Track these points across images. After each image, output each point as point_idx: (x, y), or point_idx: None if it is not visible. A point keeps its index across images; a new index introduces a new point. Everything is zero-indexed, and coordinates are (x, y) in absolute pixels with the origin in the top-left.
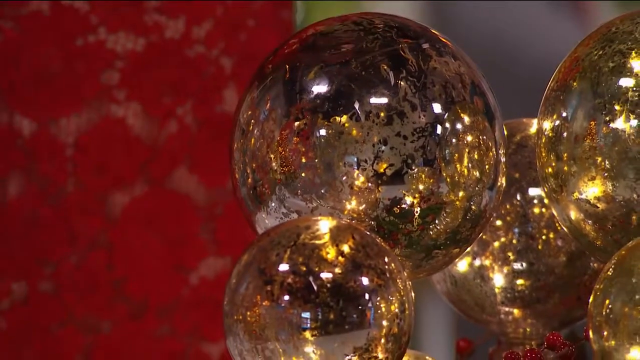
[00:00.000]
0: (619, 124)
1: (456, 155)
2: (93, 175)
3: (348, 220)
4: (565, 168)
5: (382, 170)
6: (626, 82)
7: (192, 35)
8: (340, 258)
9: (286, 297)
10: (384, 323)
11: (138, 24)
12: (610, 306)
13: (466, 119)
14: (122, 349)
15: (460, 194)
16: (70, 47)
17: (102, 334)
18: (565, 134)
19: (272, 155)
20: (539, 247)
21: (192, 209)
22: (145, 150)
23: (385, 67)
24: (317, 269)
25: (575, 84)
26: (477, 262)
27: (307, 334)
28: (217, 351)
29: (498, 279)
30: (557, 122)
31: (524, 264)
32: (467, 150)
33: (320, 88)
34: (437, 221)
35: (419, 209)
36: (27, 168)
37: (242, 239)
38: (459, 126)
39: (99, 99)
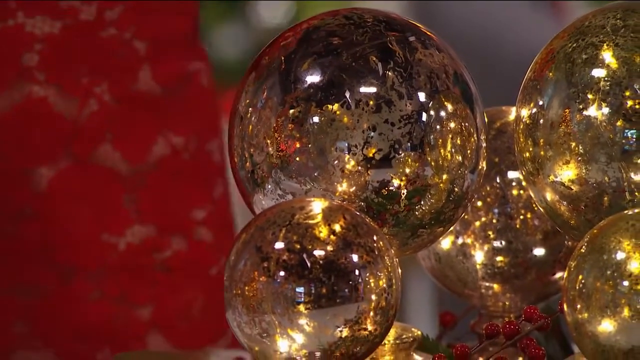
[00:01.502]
0: (592, 111)
1: (440, 140)
2: (19, 152)
3: (339, 202)
4: (542, 153)
5: (371, 154)
6: (598, 72)
7: (105, 18)
8: (332, 236)
9: (281, 273)
10: (373, 297)
11: (54, 7)
12: (583, 281)
13: (449, 106)
14: (57, 313)
15: (444, 176)
16: None
17: (38, 299)
18: (541, 121)
19: (268, 141)
20: (517, 226)
21: (116, 181)
22: (68, 127)
23: (374, 59)
24: (310, 247)
25: (550, 74)
26: (460, 240)
27: (301, 308)
28: (146, 314)
29: (479, 256)
30: (534, 110)
31: (503, 242)
32: (450, 136)
33: (313, 78)
34: (422, 202)
35: (405, 190)
36: None
37: (163, 208)
38: (442, 114)
39: (20, 81)
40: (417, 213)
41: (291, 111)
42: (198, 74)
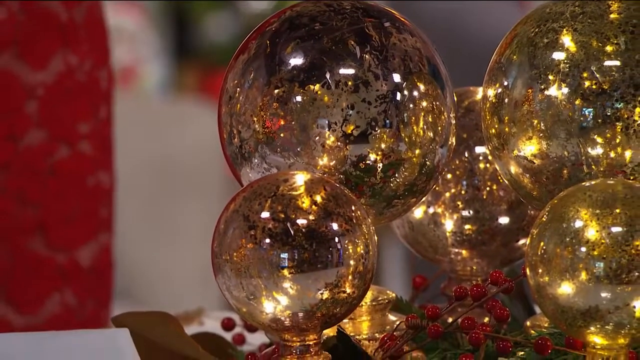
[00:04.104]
0: (553, 91)
1: (413, 118)
2: None
3: (320, 174)
4: (507, 129)
5: (349, 131)
6: (558, 55)
7: None
8: (313, 207)
9: (267, 240)
10: (351, 262)
11: None
12: (544, 247)
13: (422, 87)
14: None
15: (417, 151)
16: None
17: None
18: (506, 100)
19: (255, 118)
20: (484, 197)
21: (18, 87)
22: None
23: (353, 43)
24: (293, 216)
25: (515, 57)
26: (431, 210)
27: (285, 272)
28: (32, 213)
29: (449, 224)
30: (500, 90)
31: (471, 212)
32: (422, 114)
33: (296, 61)
34: (396, 175)
35: (381, 164)
36: None
37: (55, 116)
38: (415, 93)
39: None
40: (392, 185)
41: (276, 91)
42: (95, 8)
